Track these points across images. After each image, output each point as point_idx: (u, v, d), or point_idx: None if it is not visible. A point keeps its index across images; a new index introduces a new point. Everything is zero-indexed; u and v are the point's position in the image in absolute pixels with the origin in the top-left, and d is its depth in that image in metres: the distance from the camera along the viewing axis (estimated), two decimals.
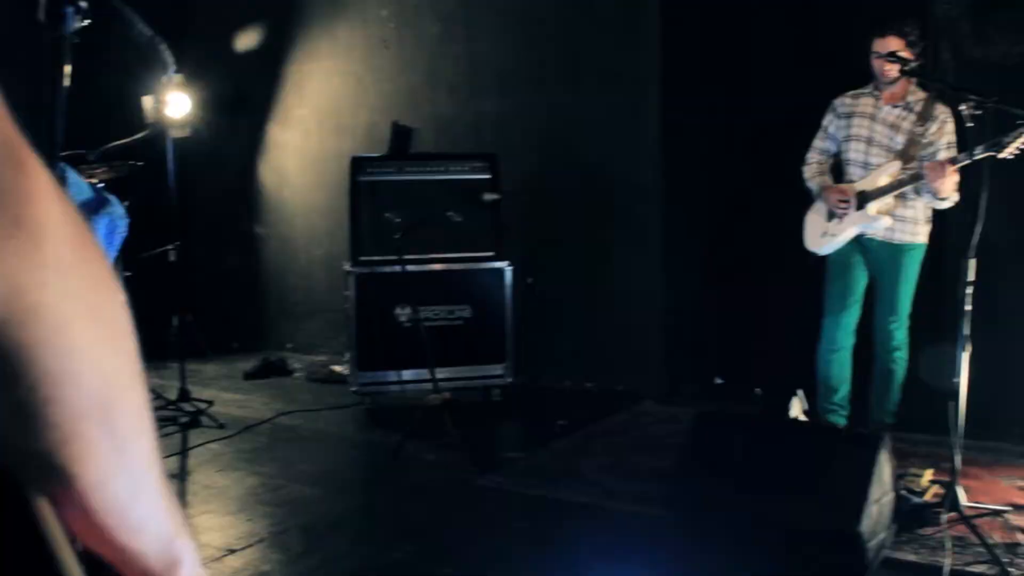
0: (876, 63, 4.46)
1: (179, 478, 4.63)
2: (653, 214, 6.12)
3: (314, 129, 7.60)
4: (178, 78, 5.66)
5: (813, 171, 4.77)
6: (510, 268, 5.90)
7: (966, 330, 3.81)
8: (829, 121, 4.75)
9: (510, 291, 5.89)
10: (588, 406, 5.78)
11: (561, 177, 6.39)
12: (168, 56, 3.31)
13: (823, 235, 4.67)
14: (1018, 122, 3.84)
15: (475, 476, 4.54)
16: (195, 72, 6.70)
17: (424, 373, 5.25)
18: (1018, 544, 3.62)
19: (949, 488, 3.83)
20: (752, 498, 3.48)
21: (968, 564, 3.47)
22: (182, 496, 4.37)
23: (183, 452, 5.02)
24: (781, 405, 4.77)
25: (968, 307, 3.82)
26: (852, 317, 4.71)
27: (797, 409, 4.74)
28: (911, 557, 3.54)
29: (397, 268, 5.33)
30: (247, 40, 7.71)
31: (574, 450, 4.94)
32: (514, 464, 4.74)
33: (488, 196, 5.79)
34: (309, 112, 7.62)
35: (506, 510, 4.18)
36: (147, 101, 5.78)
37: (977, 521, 3.71)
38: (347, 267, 5.84)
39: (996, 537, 3.65)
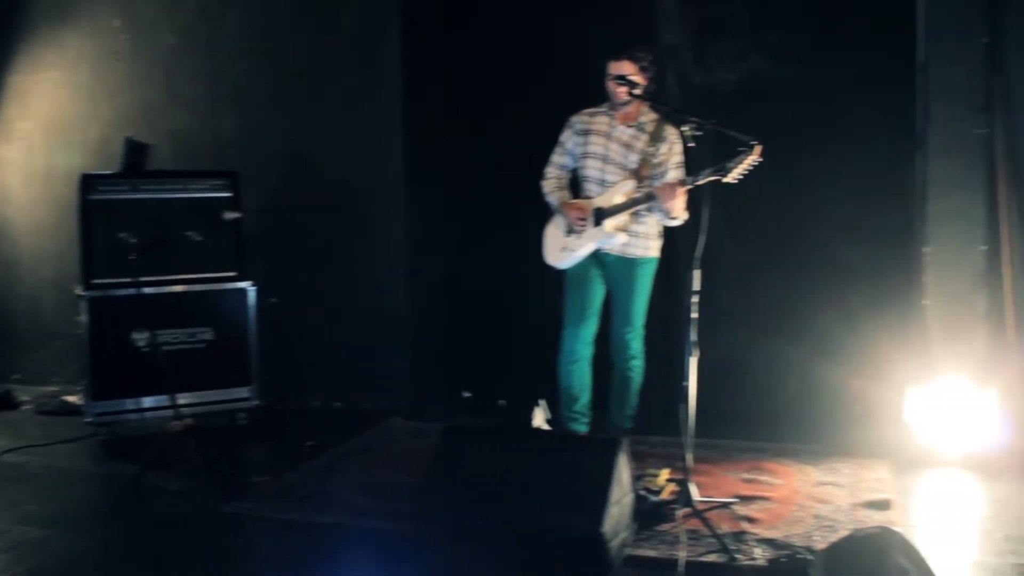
0: (610, 84, 4.67)
1: None
2: (398, 231, 6.15)
3: (40, 144, 7.14)
4: None
5: (552, 186, 4.90)
6: (253, 288, 5.79)
7: (693, 336, 4.08)
8: (567, 137, 4.89)
9: (254, 311, 5.78)
10: (337, 425, 5.71)
11: (305, 195, 6.32)
12: None
13: (562, 250, 4.82)
14: (739, 148, 4.13)
15: (221, 503, 4.40)
16: None
17: (165, 399, 5.06)
18: (744, 532, 3.89)
19: (683, 485, 4.08)
20: (498, 507, 3.56)
21: (701, 555, 3.69)
22: None
23: None
24: (525, 415, 4.92)
25: (695, 315, 4.08)
26: (590, 329, 4.88)
27: (540, 418, 4.89)
28: (651, 553, 3.72)
29: (133, 291, 5.12)
30: None
31: (323, 470, 4.88)
32: (262, 488, 4.62)
33: (229, 215, 5.67)
34: (34, 125, 7.16)
35: (255, 536, 4.07)
36: None
37: (708, 514, 3.99)
38: (79, 291, 5.54)
39: (725, 527, 3.91)
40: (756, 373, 5.46)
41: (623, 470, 3.64)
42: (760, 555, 3.68)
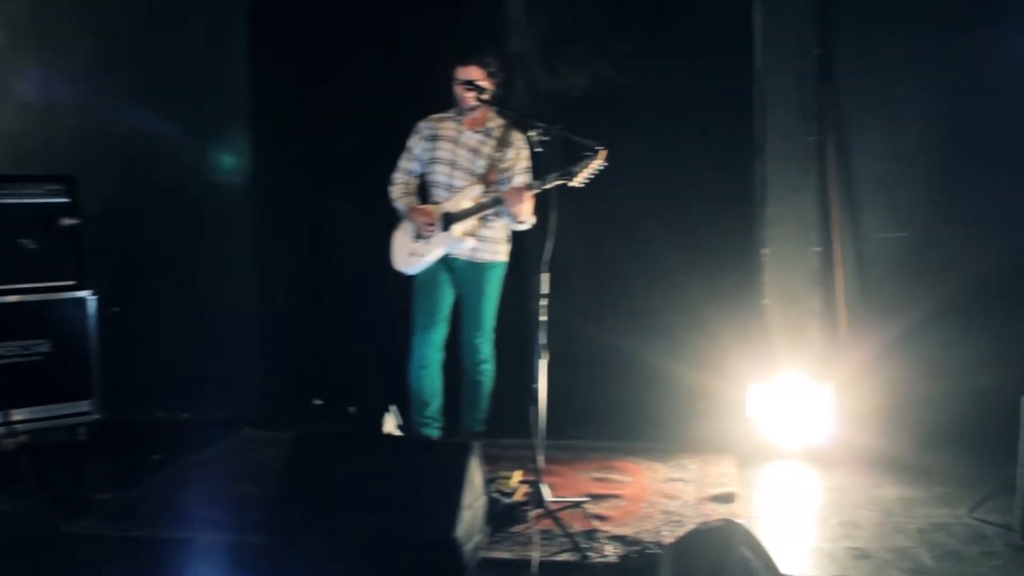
0: (457, 89, 4.68)
1: None
2: (245, 237, 6.04)
3: None
4: None
5: (400, 192, 4.88)
6: (94, 297, 5.55)
7: (543, 339, 4.13)
8: (415, 143, 4.88)
9: (94, 321, 5.54)
10: (184, 437, 5.54)
11: (148, 200, 6.11)
12: None
13: (411, 255, 4.80)
14: (583, 153, 4.21)
15: (60, 523, 4.20)
16: None
17: None
18: (595, 530, 3.97)
19: (535, 487, 4.13)
20: (351, 515, 3.54)
21: (554, 554, 3.76)
22: None
23: None
24: (376, 421, 4.89)
25: (544, 317, 4.13)
26: (440, 334, 4.89)
27: (391, 425, 4.86)
28: (505, 554, 3.77)
29: None
30: None
31: (171, 484, 4.74)
32: (104, 505, 4.44)
33: (66, 221, 5.45)
34: None
35: (97, 556, 3.90)
36: None
37: (561, 514, 4.05)
38: None
39: (577, 526, 3.99)
40: (605, 373, 5.57)
41: (475, 474, 3.66)
42: (611, 552, 3.76)
